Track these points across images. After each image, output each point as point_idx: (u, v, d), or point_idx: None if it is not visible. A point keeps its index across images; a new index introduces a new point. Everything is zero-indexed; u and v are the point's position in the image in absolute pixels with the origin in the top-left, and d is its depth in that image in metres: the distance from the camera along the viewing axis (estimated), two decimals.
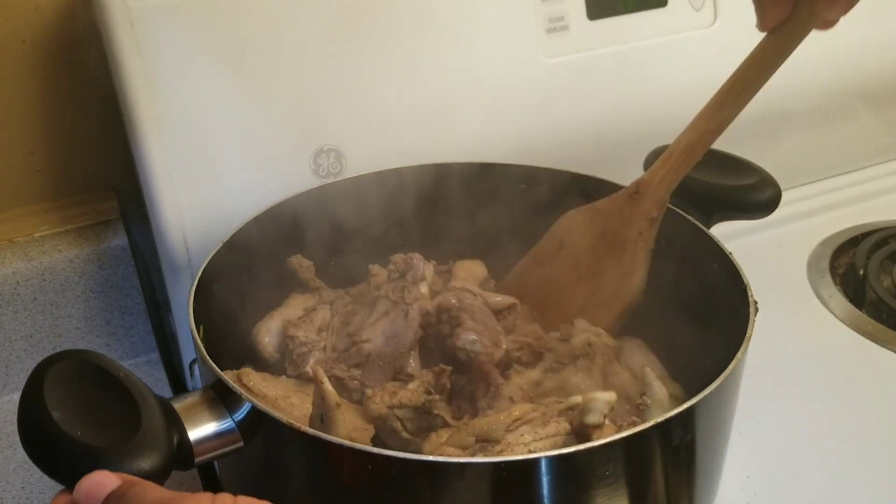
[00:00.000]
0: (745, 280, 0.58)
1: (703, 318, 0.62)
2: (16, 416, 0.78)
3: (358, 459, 0.45)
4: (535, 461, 0.45)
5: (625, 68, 0.85)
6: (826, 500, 0.62)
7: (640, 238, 0.63)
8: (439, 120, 0.79)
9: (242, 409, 0.48)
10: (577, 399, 0.54)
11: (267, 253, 0.69)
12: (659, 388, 0.58)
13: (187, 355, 0.80)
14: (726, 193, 0.67)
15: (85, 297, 0.79)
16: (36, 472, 0.70)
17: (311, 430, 0.46)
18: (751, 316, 0.55)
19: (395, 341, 0.60)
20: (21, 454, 0.72)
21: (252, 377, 0.58)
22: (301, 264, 0.68)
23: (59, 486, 0.69)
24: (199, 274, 0.60)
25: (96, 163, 0.82)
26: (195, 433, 0.47)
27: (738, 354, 0.51)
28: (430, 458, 0.48)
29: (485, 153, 0.76)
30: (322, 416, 0.53)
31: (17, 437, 0.75)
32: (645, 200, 0.63)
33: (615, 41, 0.84)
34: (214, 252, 0.63)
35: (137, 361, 0.83)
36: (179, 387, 0.83)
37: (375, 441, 0.54)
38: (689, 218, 0.65)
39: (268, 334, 0.64)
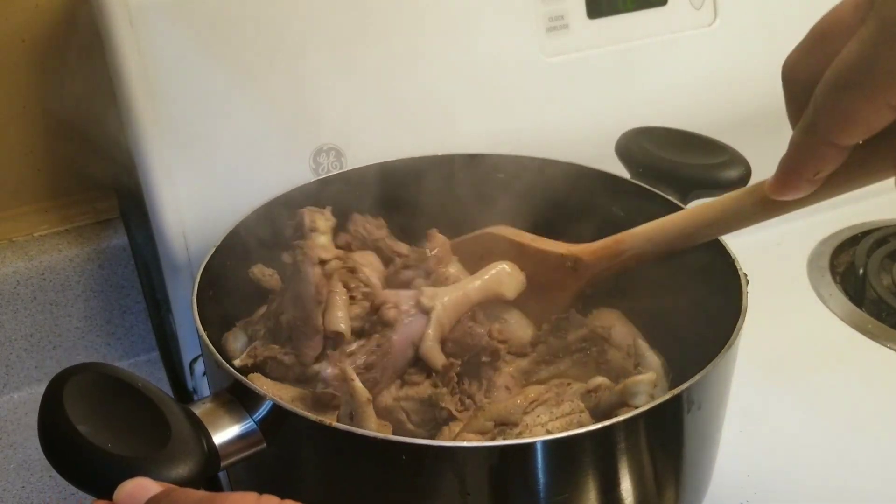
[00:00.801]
0: (731, 254, 0.59)
1: (692, 299, 0.62)
2: (16, 416, 0.79)
3: (391, 451, 0.44)
4: (577, 437, 0.45)
5: (625, 67, 0.85)
6: (826, 499, 0.62)
7: (571, 307, 0.62)
8: (439, 119, 0.79)
9: (263, 409, 0.47)
10: (599, 381, 0.55)
11: (267, 248, 0.68)
12: (652, 358, 0.58)
13: (187, 354, 0.80)
14: (699, 172, 0.69)
15: (85, 296, 0.79)
16: (36, 472, 0.70)
17: (342, 426, 0.45)
18: (743, 287, 0.55)
19: (301, 302, 0.58)
20: (21, 454, 0.72)
21: (263, 382, 0.57)
22: (263, 273, 0.66)
23: (63, 487, 0.69)
24: (199, 277, 0.59)
25: (96, 162, 0.82)
26: (218, 437, 0.47)
27: (738, 323, 0.52)
28: (470, 444, 0.47)
29: (485, 152, 0.75)
30: (351, 413, 0.52)
31: (17, 437, 0.75)
32: (582, 280, 0.61)
33: (615, 40, 0.84)
34: (209, 256, 0.61)
35: (137, 361, 0.83)
36: (179, 385, 0.83)
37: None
38: (671, 199, 0.66)
39: (235, 341, 0.63)
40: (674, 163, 0.71)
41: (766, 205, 0.49)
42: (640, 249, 0.58)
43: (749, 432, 0.66)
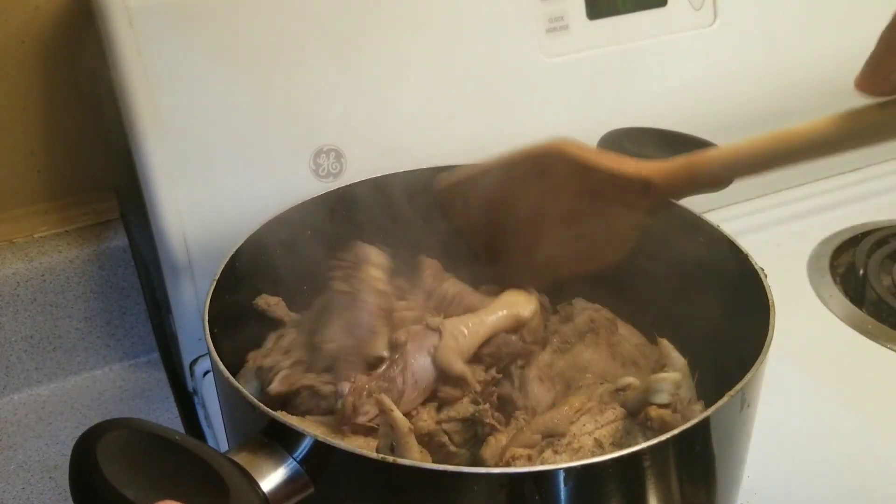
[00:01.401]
0: (742, 250, 0.59)
1: (704, 301, 0.62)
2: (15, 417, 0.79)
3: (464, 483, 0.42)
4: (666, 442, 0.44)
5: (625, 68, 0.85)
6: (826, 500, 0.62)
7: (640, 226, 0.60)
8: (439, 119, 0.79)
9: (304, 446, 0.45)
10: (628, 380, 0.55)
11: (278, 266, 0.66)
12: (678, 357, 0.59)
13: (187, 355, 0.80)
14: None
15: (85, 297, 0.79)
16: (36, 473, 0.70)
17: (407, 462, 0.43)
18: (763, 281, 0.55)
19: (357, 330, 0.58)
20: (21, 455, 0.72)
21: (291, 420, 0.54)
22: (269, 303, 0.65)
23: (63, 489, 0.69)
24: (206, 317, 0.56)
25: (96, 163, 0.82)
26: (265, 485, 0.44)
27: (771, 319, 0.52)
28: (551, 466, 0.45)
29: (485, 153, 0.75)
30: (392, 444, 0.50)
31: (17, 438, 0.75)
32: (652, 202, 0.58)
33: (615, 41, 0.84)
34: (212, 290, 0.59)
35: (138, 362, 0.83)
36: (179, 386, 0.83)
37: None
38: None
39: (247, 383, 0.61)
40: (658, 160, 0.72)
41: (851, 134, 0.49)
42: (715, 175, 0.55)
43: None
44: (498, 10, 0.79)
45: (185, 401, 0.81)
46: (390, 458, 0.43)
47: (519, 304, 0.61)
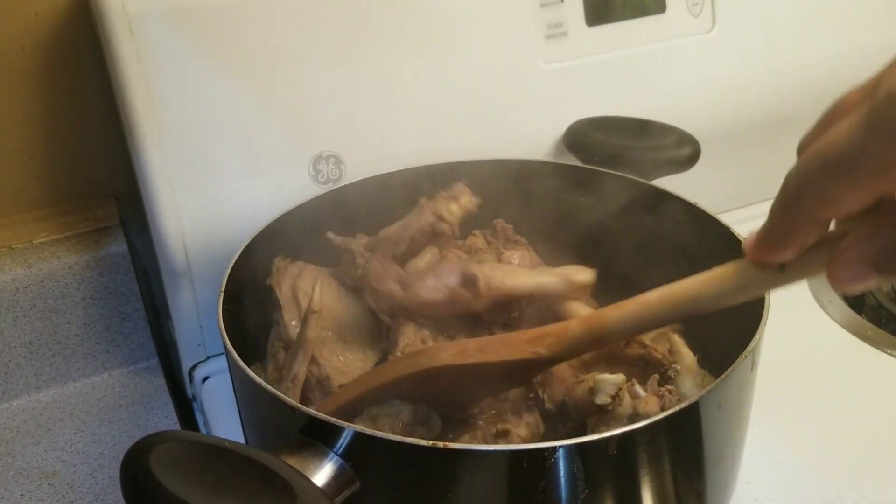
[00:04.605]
0: (723, 223, 0.61)
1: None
2: (14, 424, 0.78)
3: (508, 461, 0.43)
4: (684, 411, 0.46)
5: (624, 74, 0.85)
6: None
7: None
8: (438, 125, 0.79)
9: (343, 439, 0.45)
10: (600, 377, 0.55)
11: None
12: (688, 354, 0.58)
13: (187, 361, 0.80)
14: (654, 154, 0.75)
15: (84, 303, 0.79)
16: (34, 480, 0.70)
17: (458, 445, 0.43)
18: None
19: (403, 229, 0.66)
20: (20, 461, 0.72)
21: (329, 417, 0.54)
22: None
23: (62, 496, 0.69)
24: (223, 325, 0.56)
25: (95, 169, 0.82)
26: (317, 482, 0.44)
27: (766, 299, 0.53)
28: (598, 436, 0.45)
29: (484, 158, 0.76)
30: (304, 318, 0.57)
31: (15, 445, 0.75)
32: (556, 362, 0.55)
33: (614, 47, 0.85)
34: (226, 278, 0.60)
35: (137, 368, 0.82)
36: (179, 392, 0.83)
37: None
38: (636, 178, 0.68)
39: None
40: (628, 147, 0.76)
41: (749, 284, 0.45)
42: (616, 338, 0.52)
43: (748, 438, 0.66)
44: (497, 17, 0.79)
45: (184, 407, 0.81)
46: (440, 444, 0.43)
47: (575, 272, 0.63)
